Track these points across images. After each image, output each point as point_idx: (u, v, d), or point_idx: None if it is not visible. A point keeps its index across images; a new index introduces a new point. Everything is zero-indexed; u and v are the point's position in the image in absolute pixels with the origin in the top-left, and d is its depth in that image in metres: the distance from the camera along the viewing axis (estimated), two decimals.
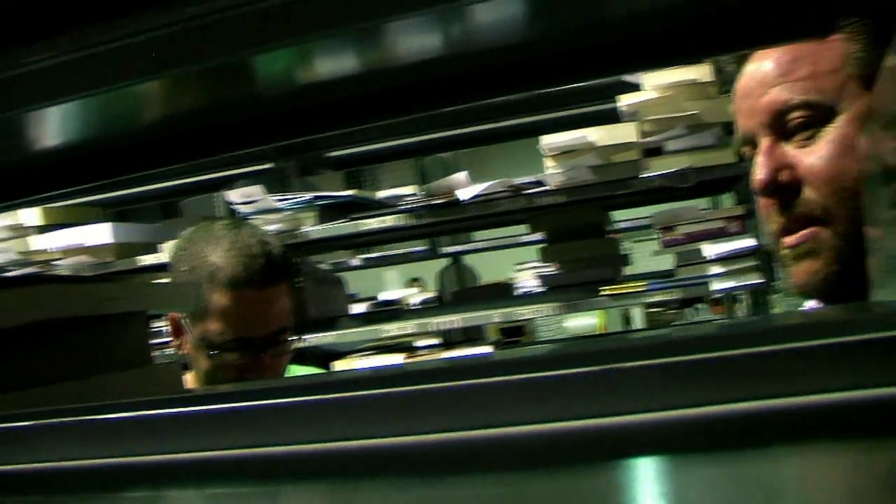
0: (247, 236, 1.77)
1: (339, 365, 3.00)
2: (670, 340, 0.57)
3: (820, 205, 1.11)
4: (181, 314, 1.79)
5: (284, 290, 1.80)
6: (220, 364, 1.73)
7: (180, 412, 0.61)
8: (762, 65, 1.16)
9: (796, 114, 1.12)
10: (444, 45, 0.88)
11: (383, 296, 5.44)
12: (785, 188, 1.13)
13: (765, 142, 1.15)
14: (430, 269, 6.30)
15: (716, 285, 2.86)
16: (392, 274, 8.47)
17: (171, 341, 1.85)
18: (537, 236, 3.56)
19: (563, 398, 0.52)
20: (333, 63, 0.90)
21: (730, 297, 4.38)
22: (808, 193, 1.12)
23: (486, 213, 3.04)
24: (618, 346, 0.56)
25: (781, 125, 1.14)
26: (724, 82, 2.55)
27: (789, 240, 1.15)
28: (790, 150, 1.14)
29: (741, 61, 1.20)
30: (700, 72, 2.73)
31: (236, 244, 1.75)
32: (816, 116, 1.11)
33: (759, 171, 1.14)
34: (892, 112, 0.75)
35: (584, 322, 8.50)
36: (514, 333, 6.75)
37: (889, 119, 0.78)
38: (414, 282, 8.08)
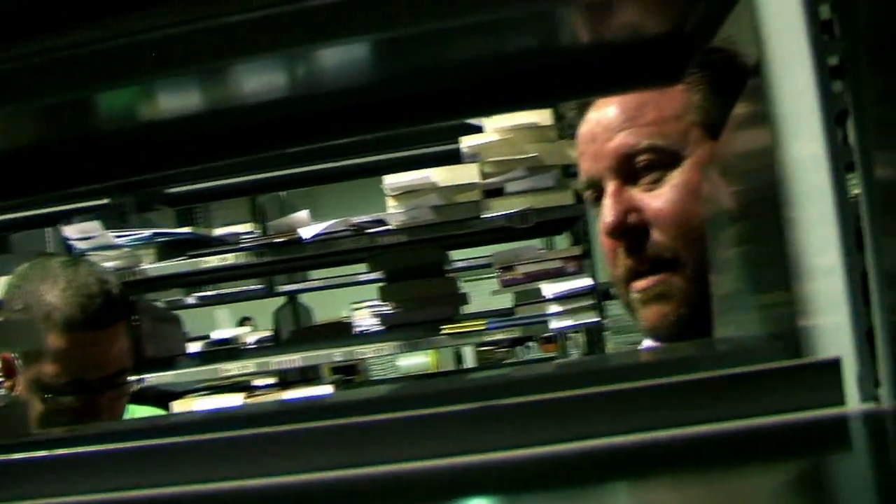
0: (84, 275, 1.71)
1: (178, 405, 2.93)
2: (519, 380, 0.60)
3: (668, 248, 1.13)
4: (13, 354, 1.71)
5: (122, 330, 1.74)
6: (56, 407, 1.66)
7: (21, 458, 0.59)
8: (607, 111, 1.18)
9: (643, 157, 1.14)
10: (287, 86, 0.89)
11: (216, 334, 5.35)
12: (633, 231, 1.14)
13: (612, 185, 1.16)
14: (263, 308, 6.23)
15: (554, 324, 2.92)
16: (223, 313, 8.33)
17: (1, 382, 1.76)
18: (376, 275, 3.57)
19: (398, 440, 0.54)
20: (176, 102, 0.89)
21: (562, 335, 4.48)
22: (657, 236, 1.13)
23: (326, 252, 3.04)
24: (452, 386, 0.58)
25: (628, 169, 1.15)
26: (564, 126, 2.64)
27: (640, 284, 1.16)
28: (637, 194, 1.15)
29: (583, 107, 1.22)
30: (540, 116, 2.80)
31: (73, 283, 1.68)
32: (662, 161, 1.13)
33: (608, 213, 1.15)
34: (731, 159, 0.80)
35: (417, 361, 8.53)
36: (347, 372, 6.72)
37: (728, 166, 0.82)
38: (246, 321, 7.96)
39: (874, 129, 0.51)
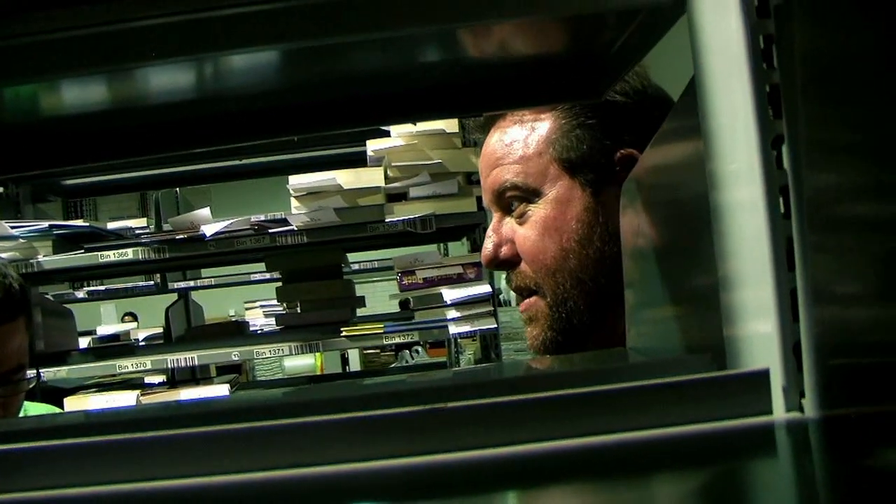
0: None
1: (71, 401, 2.87)
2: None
3: (532, 279, 1.21)
4: None
5: (21, 326, 1.70)
6: None
7: None
8: (491, 143, 1.25)
9: (510, 194, 1.21)
10: (193, 88, 0.89)
11: (102, 330, 5.24)
12: (505, 262, 1.24)
13: (495, 217, 1.26)
14: (148, 304, 6.14)
15: (453, 329, 2.94)
16: (108, 308, 8.19)
17: None
18: (270, 275, 3.54)
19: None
20: (79, 99, 0.88)
21: (451, 341, 4.51)
22: (524, 267, 1.22)
23: (226, 251, 3.01)
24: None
25: (504, 203, 1.23)
26: (468, 133, 2.67)
27: (521, 306, 1.25)
28: (513, 226, 1.23)
29: (487, 126, 1.28)
30: (446, 123, 2.83)
31: None
32: (524, 197, 1.20)
33: (485, 246, 1.25)
34: (653, 175, 0.83)
35: (302, 362, 8.52)
36: (232, 372, 6.65)
37: (648, 181, 0.85)
38: (128, 316, 7.83)
39: (806, 153, 0.54)
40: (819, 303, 0.53)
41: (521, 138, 1.21)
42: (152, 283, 4.99)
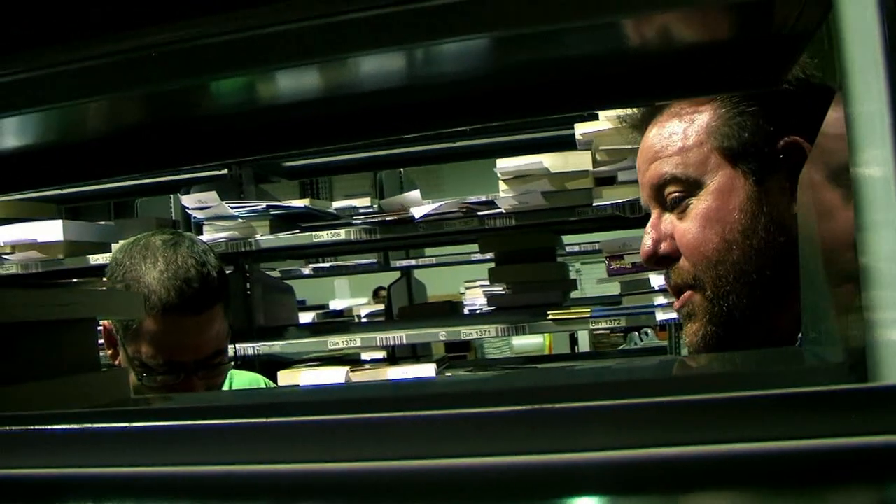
0: (184, 256, 1.71)
1: (285, 374, 2.99)
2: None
3: (690, 273, 1.17)
4: (115, 326, 1.75)
5: (219, 313, 1.74)
6: (151, 385, 1.68)
7: (116, 427, 0.62)
8: (649, 138, 1.22)
9: (670, 188, 1.18)
10: (405, 76, 0.90)
11: (334, 304, 5.44)
12: (665, 258, 1.20)
13: (654, 213, 1.22)
14: (383, 280, 6.32)
15: (660, 315, 2.89)
16: (342, 283, 8.46)
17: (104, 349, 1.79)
18: (487, 255, 3.58)
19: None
20: (297, 89, 0.91)
21: (671, 325, 4.43)
22: (682, 262, 1.18)
23: (437, 232, 3.06)
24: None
25: (662, 198, 1.20)
26: None
27: (676, 304, 1.22)
28: (672, 221, 1.19)
29: (641, 126, 1.26)
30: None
31: (172, 265, 1.68)
32: (686, 189, 1.17)
33: (644, 243, 1.22)
34: (823, 176, 0.78)
35: (531, 341, 8.53)
36: (460, 349, 6.77)
37: (820, 183, 0.81)
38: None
39: None
40: None
41: (679, 130, 1.18)
42: (374, 261, 5.12)
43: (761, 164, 1.13)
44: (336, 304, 6.20)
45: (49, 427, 0.62)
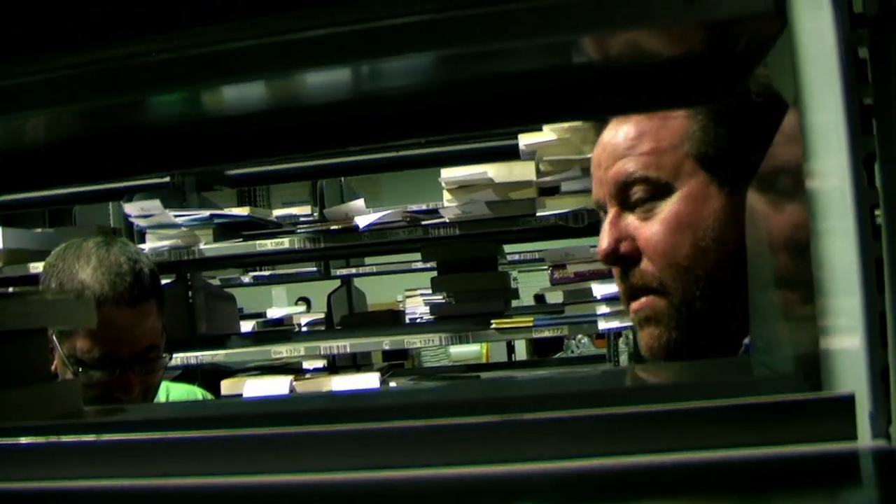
0: (117, 254, 1.77)
1: (228, 384, 2.98)
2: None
3: (656, 277, 1.16)
4: (51, 330, 1.76)
5: (152, 309, 1.79)
6: (88, 382, 1.70)
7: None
8: (614, 136, 1.21)
9: (637, 188, 1.17)
10: (351, 89, 0.91)
11: (272, 313, 5.41)
12: (625, 258, 1.19)
13: (612, 212, 1.20)
14: (319, 288, 6.29)
15: (603, 324, 2.92)
16: (280, 291, 8.42)
17: None
18: (429, 264, 3.59)
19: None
20: (242, 101, 0.92)
21: (610, 334, 4.48)
22: (645, 265, 1.17)
23: (381, 241, 3.07)
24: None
25: (625, 197, 1.18)
26: None
27: (633, 305, 1.20)
28: (633, 221, 1.18)
29: (598, 128, 1.26)
30: None
31: (105, 262, 1.74)
32: (655, 192, 1.16)
33: (603, 240, 1.20)
34: (780, 179, 0.81)
35: (468, 349, 8.54)
36: (398, 358, 6.75)
37: (770, 195, 0.83)
38: (301, 301, 8.02)
39: None
40: None
41: (650, 131, 1.17)
42: (315, 269, 5.11)
43: (735, 175, 1.12)
44: (274, 313, 6.17)
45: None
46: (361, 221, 3.00)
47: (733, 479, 0.54)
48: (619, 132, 1.21)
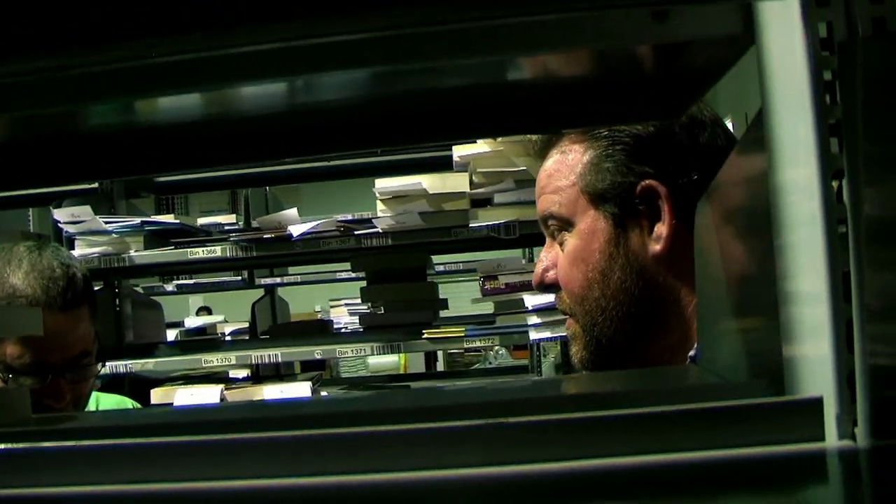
0: (49, 258, 1.73)
1: (158, 393, 2.95)
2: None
3: (567, 304, 1.25)
4: None
5: (85, 315, 1.77)
6: (19, 388, 1.68)
7: None
8: (541, 170, 1.29)
9: (551, 222, 1.25)
10: (285, 102, 0.92)
11: (190, 322, 5.37)
12: (552, 285, 1.27)
13: (547, 242, 1.29)
14: (236, 297, 6.23)
15: (534, 335, 2.95)
16: (196, 300, 8.34)
17: None
18: (357, 274, 3.58)
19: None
20: (176, 111, 0.93)
21: (533, 344, 4.52)
22: (564, 292, 1.25)
23: (313, 250, 3.06)
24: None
25: (547, 229, 1.27)
26: None
27: (566, 324, 1.30)
28: (557, 251, 1.26)
29: (533, 141, 1.33)
30: None
31: (37, 266, 1.71)
32: (562, 226, 1.23)
33: (535, 269, 1.30)
34: (723, 212, 0.84)
35: (386, 360, 8.55)
36: (317, 368, 6.72)
37: (721, 218, 0.86)
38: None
39: (865, 186, 0.55)
40: (874, 334, 0.54)
41: (558, 169, 1.24)
42: (239, 278, 5.08)
43: (621, 208, 1.18)
44: (192, 322, 6.11)
45: None
46: (295, 230, 2.99)
47: (703, 480, 0.56)
48: (541, 169, 1.28)
